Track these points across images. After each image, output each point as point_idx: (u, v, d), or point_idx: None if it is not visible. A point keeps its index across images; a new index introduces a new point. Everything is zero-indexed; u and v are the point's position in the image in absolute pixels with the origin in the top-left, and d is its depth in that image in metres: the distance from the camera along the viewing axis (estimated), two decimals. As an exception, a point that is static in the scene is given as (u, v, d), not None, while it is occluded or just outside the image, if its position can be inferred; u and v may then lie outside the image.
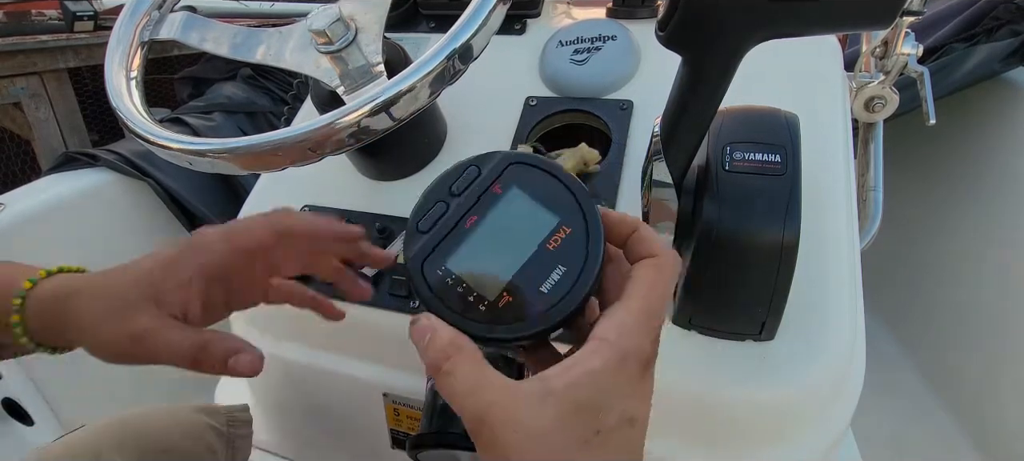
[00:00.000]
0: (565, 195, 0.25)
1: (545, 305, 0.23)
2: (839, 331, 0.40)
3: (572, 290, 0.23)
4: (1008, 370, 0.97)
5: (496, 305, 0.23)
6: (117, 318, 0.30)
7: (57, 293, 0.31)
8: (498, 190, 0.25)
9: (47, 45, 1.28)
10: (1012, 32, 0.97)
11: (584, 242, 0.24)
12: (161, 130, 0.40)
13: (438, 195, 0.26)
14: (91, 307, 0.30)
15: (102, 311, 0.30)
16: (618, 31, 0.56)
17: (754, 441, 0.42)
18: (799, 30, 0.26)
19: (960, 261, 1.10)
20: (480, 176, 0.26)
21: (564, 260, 0.24)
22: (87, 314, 0.30)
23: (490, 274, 0.24)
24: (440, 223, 0.25)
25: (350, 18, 0.41)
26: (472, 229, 0.25)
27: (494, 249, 0.24)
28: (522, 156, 0.26)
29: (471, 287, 0.24)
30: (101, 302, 0.30)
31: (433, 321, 0.23)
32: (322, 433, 0.60)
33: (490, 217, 0.25)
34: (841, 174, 0.46)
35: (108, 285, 0.31)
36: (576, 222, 0.25)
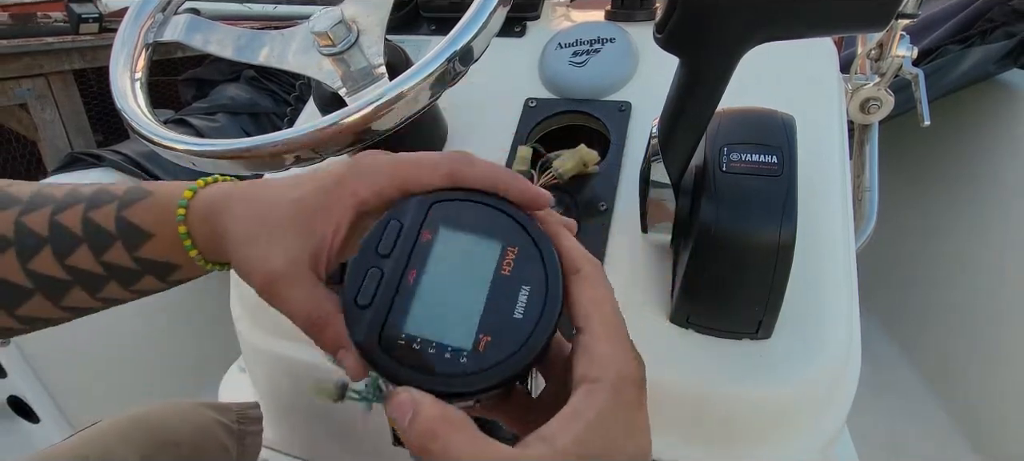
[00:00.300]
0: (497, 216, 0.24)
1: (528, 328, 0.22)
2: (835, 330, 0.40)
3: (547, 302, 0.22)
4: (1003, 369, 0.97)
5: (477, 350, 0.21)
6: (256, 250, 0.26)
7: (213, 205, 0.27)
8: (428, 236, 0.24)
9: (53, 47, 1.29)
10: (1006, 34, 0.98)
11: (536, 254, 0.23)
12: (165, 131, 0.40)
13: (367, 263, 0.23)
14: (236, 230, 0.26)
15: (244, 236, 0.26)
16: (617, 33, 0.57)
17: (750, 439, 0.42)
18: (795, 32, 0.27)
19: (955, 261, 1.10)
20: (404, 228, 0.24)
21: (524, 279, 0.23)
22: (233, 236, 0.26)
23: (456, 323, 0.22)
24: (380, 291, 0.22)
25: (352, 20, 0.42)
26: (416, 283, 0.23)
27: (449, 296, 0.22)
28: (439, 195, 0.25)
29: (442, 343, 0.21)
30: (244, 225, 0.26)
31: (413, 394, 0.20)
32: (323, 430, 0.61)
33: (431, 265, 0.23)
34: (837, 175, 0.46)
35: (257, 206, 0.27)
36: (519, 238, 0.24)
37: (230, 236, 0.27)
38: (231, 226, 0.27)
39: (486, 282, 0.23)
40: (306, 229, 0.25)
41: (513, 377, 0.21)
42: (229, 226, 0.27)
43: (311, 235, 0.25)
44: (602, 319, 0.22)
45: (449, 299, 0.22)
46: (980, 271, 1.04)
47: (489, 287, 0.22)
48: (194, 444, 0.48)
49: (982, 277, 1.04)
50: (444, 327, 0.22)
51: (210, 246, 0.28)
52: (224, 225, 0.27)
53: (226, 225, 0.27)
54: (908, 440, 1.03)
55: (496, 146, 0.54)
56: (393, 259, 0.23)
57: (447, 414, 0.20)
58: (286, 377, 0.58)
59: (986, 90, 1.05)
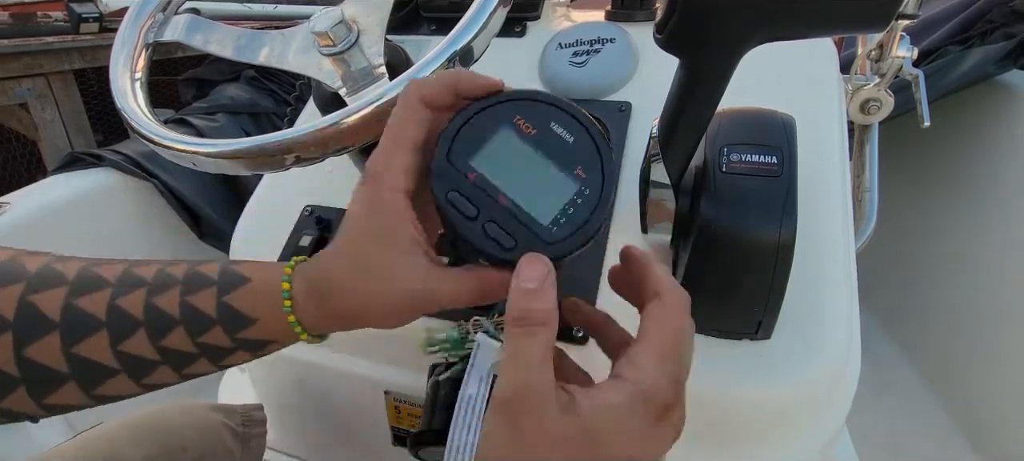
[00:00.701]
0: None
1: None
2: (835, 330, 0.40)
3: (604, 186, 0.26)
4: (1003, 369, 0.97)
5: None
6: (385, 304, 0.26)
7: (315, 287, 0.28)
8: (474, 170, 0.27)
9: (53, 47, 1.29)
10: (1006, 35, 0.98)
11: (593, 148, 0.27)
12: (165, 131, 0.40)
13: (481, 216, 0.26)
14: (352, 304, 0.27)
15: (363, 305, 0.27)
16: (617, 34, 0.57)
17: (750, 439, 0.42)
18: (795, 33, 0.27)
19: (955, 262, 1.10)
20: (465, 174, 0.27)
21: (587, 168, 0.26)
22: (352, 310, 0.27)
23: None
24: (507, 220, 0.26)
25: (352, 20, 0.42)
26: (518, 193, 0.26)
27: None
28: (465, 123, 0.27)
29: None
30: (356, 298, 0.27)
31: (551, 274, 0.23)
32: (323, 430, 0.61)
33: (509, 182, 0.26)
34: (837, 175, 0.46)
35: (356, 275, 0.27)
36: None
37: (351, 314, 0.28)
38: (345, 302, 0.27)
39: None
40: (400, 246, 0.26)
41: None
42: (343, 304, 0.28)
43: (408, 244, 0.26)
44: (660, 337, 0.24)
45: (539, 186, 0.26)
46: (980, 271, 1.04)
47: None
48: (200, 448, 0.48)
49: (982, 277, 1.04)
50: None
51: (314, 323, 0.29)
52: (336, 308, 0.28)
53: (339, 306, 0.28)
54: (908, 440, 1.03)
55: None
56: (486, 201, 0.26)
57: (554, 316, 0.23)
58: (286, 377, 0.58)
59: (986, 91, 1.05)
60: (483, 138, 0.26)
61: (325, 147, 0.36)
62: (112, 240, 0.97)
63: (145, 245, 1.03)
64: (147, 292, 0.29)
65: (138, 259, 0.31)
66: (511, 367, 0.22)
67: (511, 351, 0.22)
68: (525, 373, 0.22)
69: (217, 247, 1.05)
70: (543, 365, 0.22)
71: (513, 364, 0.22)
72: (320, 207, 0.56)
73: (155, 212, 1.03)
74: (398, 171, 0.26)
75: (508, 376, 0.22)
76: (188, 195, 1.00)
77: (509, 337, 0.23)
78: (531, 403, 0.21)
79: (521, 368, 0.22)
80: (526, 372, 0.22)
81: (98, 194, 0.95)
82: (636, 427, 0.22)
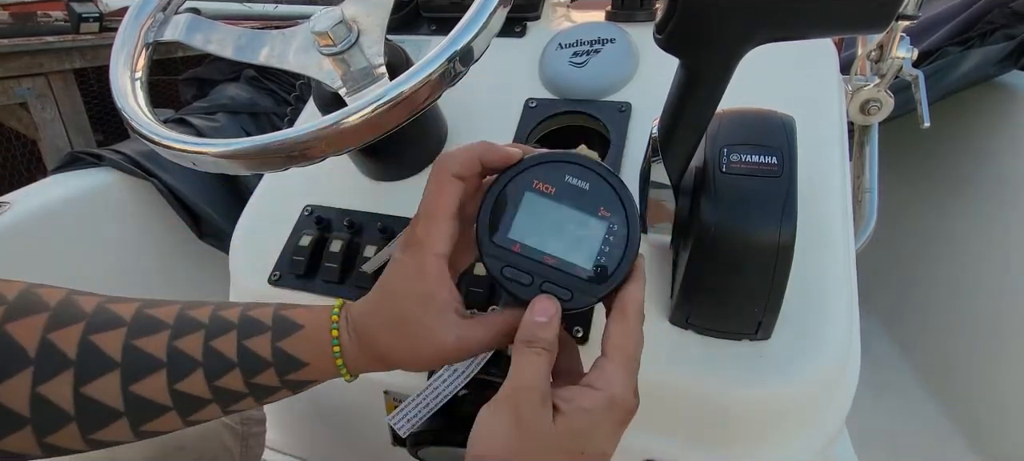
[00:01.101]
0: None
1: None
2: (835, 331, 0.40)
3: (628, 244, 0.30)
4: (1003, 369, 0.97)
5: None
6: (423, 348, 0.30)
7: (360, 332, 0.32)
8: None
9: (53, 46, 1.29)
10: (1006, 36, 0.98)
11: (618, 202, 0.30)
12: (165, 130, 0.40)
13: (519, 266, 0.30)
14: (397, 350, 0.31)
15: (407, 350, 0.31)
16: (617, 34, 0.57)
17: (750, 440, 0.42)
18: (795, 33, 0.27)
19: (955, 262, 1.10)
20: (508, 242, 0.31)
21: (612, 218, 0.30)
22: (396, 354, 0.31)
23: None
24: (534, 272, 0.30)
25: (352, 20, 0.42)
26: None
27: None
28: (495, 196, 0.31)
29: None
30: (400, 341, 0.31)
31: (558, 312, 0.29)
32: (323, 430, 0.61)
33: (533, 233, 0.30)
34: (837, 176, 0.46)
35: (397, 325, 0.31)
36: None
37: (390, 360, 0.32)
38: (385, 350, 0.31)
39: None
40: (438, 307, 0.30)
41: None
42: (384, 352, 0.31)
43: (445, 305, 0.30)
44: (624, 352, 0.29)
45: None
46: (980, 272, 1.04)
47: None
48: (198, 447, 0.49)
49: (982, 278, 1.04)
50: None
51: (355, 365, 0.33)
52: (377, 354, 0.32)
53: (380, 353, 0.31)
54: (908, 440, 1.03)
55: (496, 146, 0.54)
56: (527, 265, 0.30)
57: (558, 340, 0.29)
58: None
59: (986, 91, 1.05)
60: (514, 210, 0.30)
61: (325, 147, 0.36)
62: (112, 240, 0.97)
63: (145, 245, 1.03)
64: (205, 335, 0.31)
65: (190, 301, 0.33)
66: (517, 373, 0.28)
67: (519, 362, 0.28)
68: (528, 379, 0.27)
69: (217, 247, 1.05)
70: (542, 376, 0.27)
71: (518, 371, 0.28)
72: (320, 207, 0.56)
73: (155, 212, 1.03)
74: (437, 239, 0.30)
75: (516, 377, 0.28)
76: (188, 195, 1.00)
77: (518, 352, 0.28)
78: (531, 400, 0.27)
79: (525, 375, 0.27)
80: (529, 379, 0.27)
81: (98, 194, 0.95)
82: (607, 428, 0.28)
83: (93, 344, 0.29)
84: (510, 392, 0.27)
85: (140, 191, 1.00)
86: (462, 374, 0.34)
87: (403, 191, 0.54)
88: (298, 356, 0.32)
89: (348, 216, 0.53)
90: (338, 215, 0.54)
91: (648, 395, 0.41)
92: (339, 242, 0.51)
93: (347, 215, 0.53)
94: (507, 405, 0.27)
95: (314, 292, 0.51)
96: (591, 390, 0.28)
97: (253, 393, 0.32)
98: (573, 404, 0.27)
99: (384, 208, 0.53)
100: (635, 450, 0.44)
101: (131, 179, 0.99)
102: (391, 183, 0.55)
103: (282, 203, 0.57)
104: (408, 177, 0.55)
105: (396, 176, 0.55)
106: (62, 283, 0.32)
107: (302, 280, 0.51)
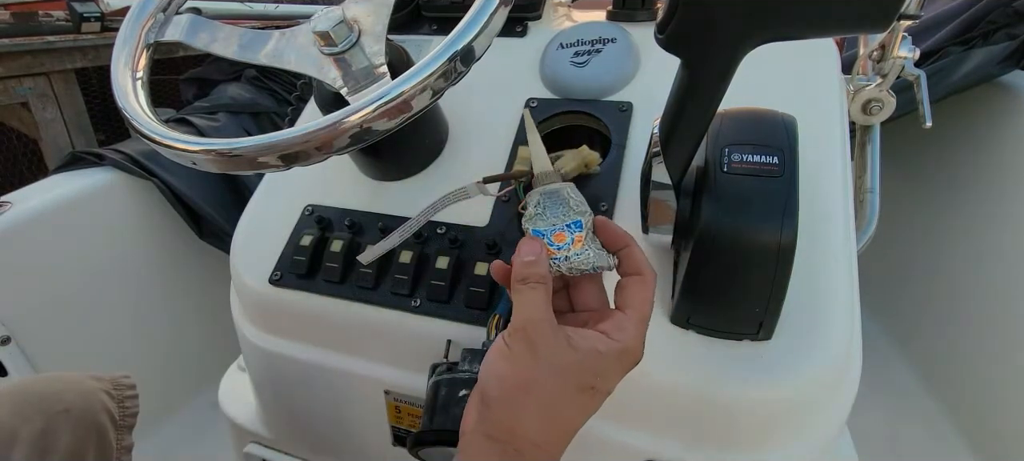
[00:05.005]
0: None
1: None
2: (836, 331, 0.40)
3: None
4: (1003, 369, 0.97)
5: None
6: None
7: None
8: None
9: (54, 46, 1.29)
10: (1008, 36, 0.98)
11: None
12: (166, 130, 0.40)
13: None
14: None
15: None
16: (618, 34, 0.57)
17: (751, 440, 0.42)
18: (797, 33, 0.27)
19: (956, 263, 1.10)
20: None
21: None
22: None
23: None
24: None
25: (353, 20, 0.42)
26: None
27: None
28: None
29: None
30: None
31: (543, 251, 0.32)
32: (324, 430, 0.61)
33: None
34: (838, 176, 0.46)
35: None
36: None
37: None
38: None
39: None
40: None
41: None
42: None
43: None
44: (640, 312, 0.32)
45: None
46: (982, 272, 1.04)
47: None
48: (82, 408, 0.49)
49: (983, 278, 1.03)
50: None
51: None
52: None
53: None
54: (908, 440, 1.03)
55: (497, 146, 0.54)
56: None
57: (549, 275, 0.32)
58: (286, 377, 0.58)
59: (988, 91, 1.05)
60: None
61: (326, 147, 0.36)
62: (112, 239, 0.98)
63: (146, 245, 1.03)
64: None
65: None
66: (521, 308, 0.30)
67: (519, 299, 0.31)
68: (533, 311, 0.30)
69: (218, 247, 1.05)
70: (544, 306, 0.30)
71: (521, 305, 0.31)
72: (320, 207, 0.56)
73: (156, 211, 1.03)
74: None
75: (520, 313, 0.30)
76: (189, 195, 1.00)
77: (516, 292, 0.31)
78: (542, 330, 0.30)
79: (529, 308, 0.30)
80: (534, 310, 0.30)
81: (99, 193, 0.96)
82: (617, 371, 0.31)
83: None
84: (520, 325, 0.30)
85: (141, 191, 1.00)
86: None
87: (404, 191, 0.54)
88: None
89: (349, 216, 0.53)
90: (339, 215, 0.54)
91: (649, 395, 0.42)
92: (340, 242, 0.51)
93: (348, 215, 0.53)
94: (520, 336, 0.30)
95: (315, 292, 0.51)
96: (607, 338, 0.30)
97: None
98: (589, 344, 0.30)
99: (385, 208, 0.53)
100: (636, 450, 0.44)
101: (132, 179, 0.99)
102: (392, 183, 0.55)
103: (283, 203, 0.57)
104: (409, 177, 0.55)
105: (397, 176, 0.55)
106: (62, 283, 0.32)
107: (303, 280, 0.52)
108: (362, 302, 0.49)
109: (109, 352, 0.98)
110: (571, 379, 0.30)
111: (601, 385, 0.30)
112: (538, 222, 0.34)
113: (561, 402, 0.30)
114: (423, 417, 0.40)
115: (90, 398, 0.50)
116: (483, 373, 0.31)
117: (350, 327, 0.51)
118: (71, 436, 0.47)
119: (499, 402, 0.30)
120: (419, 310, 0.48)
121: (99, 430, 0.49)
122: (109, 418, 0.51)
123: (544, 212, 0.35)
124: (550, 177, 0.36)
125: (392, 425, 0.55)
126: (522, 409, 0.29)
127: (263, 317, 0.56)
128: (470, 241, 0.49)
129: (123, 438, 0.51)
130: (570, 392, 0.30)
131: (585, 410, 0.31)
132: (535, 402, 0.29)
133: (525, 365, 0.30)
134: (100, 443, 0.49)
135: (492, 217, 0.50)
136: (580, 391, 0.30)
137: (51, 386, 0.50)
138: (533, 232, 0.34)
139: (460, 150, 0.56)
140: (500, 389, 0.30)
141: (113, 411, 0.52)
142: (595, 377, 0.30)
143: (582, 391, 0.30)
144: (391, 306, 0.49)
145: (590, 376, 0.30)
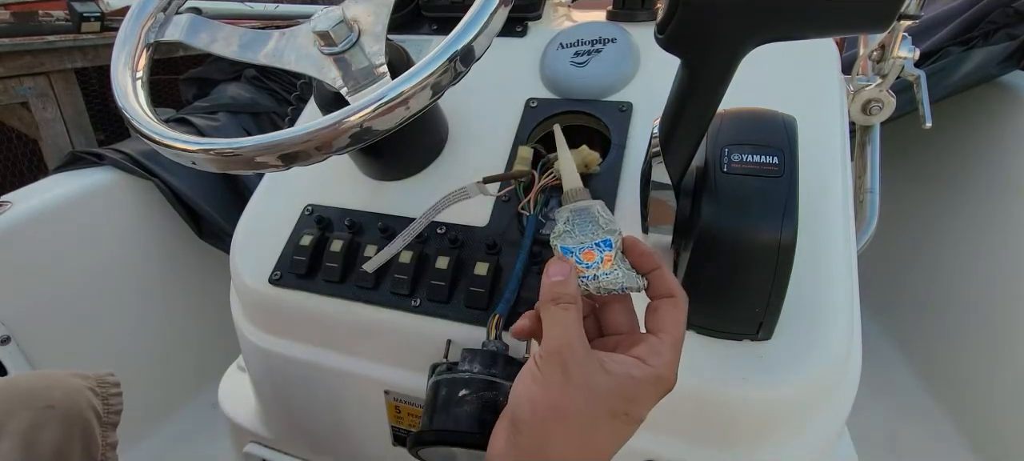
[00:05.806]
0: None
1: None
2: (836, 331, 0.40)
3: None
4: (1003, 369, 0.97)
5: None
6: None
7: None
8: None
9: (54, 45, 1.29)
10: (1008, 36, 0.98)
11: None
12: (166, 130, 0.40)
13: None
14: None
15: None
16: (618, 34, 0.57)
17: (751, 440, 0.42)
18: (797, 33, 0.27)
19: (956, 262, 1.10)
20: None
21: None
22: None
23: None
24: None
25: (353, 20, 0.42)
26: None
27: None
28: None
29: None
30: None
31: (573, 271, 0.32)
32: (323, 430, 0.61)
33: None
34: (838, 176, 0.46)
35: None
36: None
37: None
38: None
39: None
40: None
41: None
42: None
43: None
44: (674, 336, 0.31)
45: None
46: (982, 272, 1.04)
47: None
48: (68, 404, 0.49)
49: (984, 278, 1.03)
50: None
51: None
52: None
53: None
54: (908, 440, 1.03)
55: (497, 146, 0.54)
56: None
57: (580, 295, 0.31)
58: (286, 377, 0.58)
59: (988, 92, 1.05)
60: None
61: (326, 147, 0.36)
62: (112, 239, 0.98)
63: (146, 245, 1.03)
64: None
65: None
66: (552, 329, 0.30)
67: (550, 320, 0.30)
68: (565, 333, 0.29)
69: (218, 247, 1.05)
70: (577, 328, 0.29)
71: (553, 328, 0.30)
72: (320, 207, 0.56)
73: (156, 211, 1.03)
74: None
75: (551, 336, 0.30)
76: (189, 194, 1.00)
77: (546, 313, 0.30)
78: (575, 354, 0.29)
79: (560, 329, 0.29)
80: (565, 332, 0.29)
81: (99, 193, 0.96)
82: (650, 398, 0.30)
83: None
84: (553, 348, 0.29)
85: (141, 191, 1.00)
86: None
87: (404, 191, 0.54)
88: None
89: (349, 216, 0.53)
90: (339, 215, 0.54)
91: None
92: (340, 242, 0.51)
93: (348, 215, 0.53)
94: (553, 360, 0.29)
95: (315, 292, 0.51)
96: (642, 363, 0.30)
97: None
98: (623, 369, 0.29)
99: (385, 208, 0.53)
100: (636, 450, 0.44)
101: (132, 179, 0.99)
102: (392, 183, 0.55)
103: (283, 203, 0.57)
104: (409, 177, 0.55)
105: (397, 176, 0.55)
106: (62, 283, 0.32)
107: (303, 280, 0.52)
108: (362, 302, 0.49)
109: (109, 352, 0.98)
110: (604, 405, 0.29)
111: (634, 412, 0.29)
112: (567, 239, 0.33)
113: (593, 428, 0.29)
114: (423, 417, 0.40)
115: (76, 395, 0.50)
116: (514, 397, 0.30)
117: (350, 327, 0.51)
118: (57, 432, 0.47)
119: (530, 427, 0.29)
120: (419, 310, 0.48)
121: (85, 426, 0.49)
122: (94, 415, 0.51)
123: (573, 229, 0.34)
124: (580, 194, 0.35)
125: (392, 425, 0.55)
126: (554, 435, 0.29)
127: (263, 317, 0.56)
128: (470, 241, 0.49)
129: (108, 434, 0.51)
130: (603, 418, 0.29)
131: (617, 437, 0.30)
132: (567, 428, 0.28)
133: (557, 389, 0.29)
134: (86, 439, 0.49)
135: (492, 217, 0.50)
136: (613, 417, 0.29)
137: (37, 383, 0.50)
138: (561, 249, 0.33)
139: (460, 150, 0.56)
140: (532, 414, 0.29)
141: (98, 408, 0.52)
142: (629, 403, 0.29)
143: (615, 417, 0.29)
144: (391, 306, 0.49)
145: (624, 402, 0.29)
